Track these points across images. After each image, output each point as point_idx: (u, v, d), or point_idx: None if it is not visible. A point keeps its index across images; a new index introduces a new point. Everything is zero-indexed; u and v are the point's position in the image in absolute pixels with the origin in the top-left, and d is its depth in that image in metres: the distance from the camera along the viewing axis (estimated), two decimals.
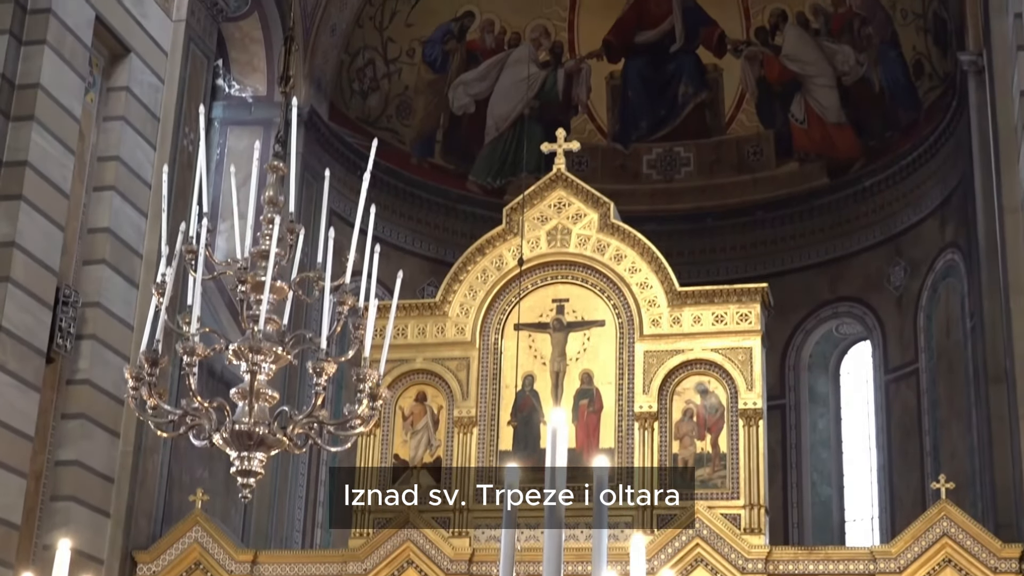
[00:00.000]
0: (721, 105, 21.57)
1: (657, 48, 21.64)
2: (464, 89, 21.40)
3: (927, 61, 19.29)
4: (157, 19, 15.26)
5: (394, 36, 20.80)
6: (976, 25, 16.20)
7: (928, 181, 19.07)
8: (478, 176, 21.36)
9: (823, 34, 20.64)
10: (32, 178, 13.00)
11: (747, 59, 21.26)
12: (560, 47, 21.67)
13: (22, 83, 13.17)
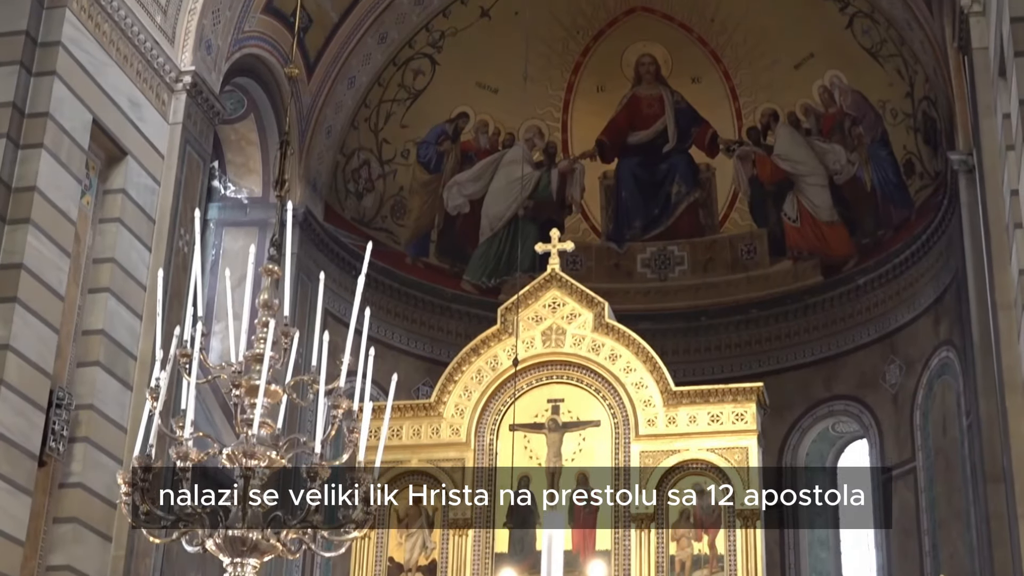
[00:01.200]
0: (714, 204, 21.71)
1: (650, 148, 21.83)
2: (459, 189, 21.54)
3: (918, 160, 19.46)
4: (154, 122, 15.38)
5: (389, 137, 20.98)
6: (965, 125, 16.35)
7: (921, 279, 19.14)
8: (473, 276, 21.42)
9: (814, 134, 20.84)
10: (27, 281, 13.01)
11: (739, 158, 21.44)
12: (554, 147, 21.86)
13: (19, 186, 13.22)
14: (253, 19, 17.47)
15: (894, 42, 19.45)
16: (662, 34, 21.42)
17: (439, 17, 20.75)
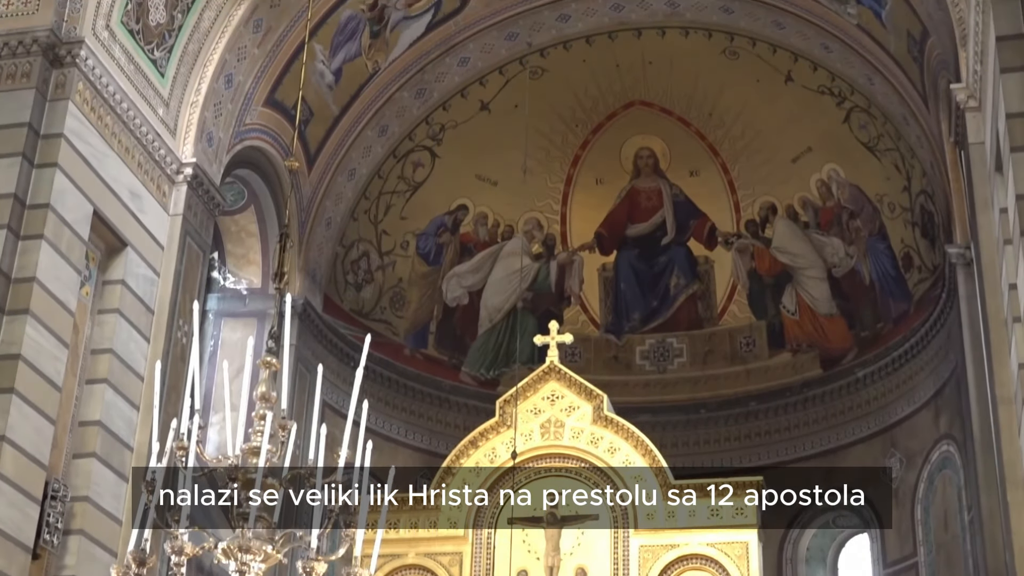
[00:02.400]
0: (713, 296, 21.74)
1: (649, 240, 21.91)
2: (458, 281, 21.57)
3: (916, 254, 19.52)
4: (154, 213, 15.44)
5: (388, 229, 21.06)
6: (963, 219, 16.42)
7: (921, 372, 19.11)
8: (471, 368, 21.38)
9: (812, 227, 20.93)
10: (25, 371, 12.98)
11: (738, 251, 21.51)
12: (553, 239, 21.94)
13: (18, 277, 13.23)
14: (254, 112, 17.62)
15: (891, 136, 19.60)
16: (660, 128, 21.60)
17: (439, 110, 20.93)
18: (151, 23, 15.35)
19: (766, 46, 20.28)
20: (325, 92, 18.97)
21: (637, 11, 20.36)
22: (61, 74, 14.04)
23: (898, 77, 18.31)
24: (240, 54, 16.79)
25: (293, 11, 17.21)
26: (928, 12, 16.09)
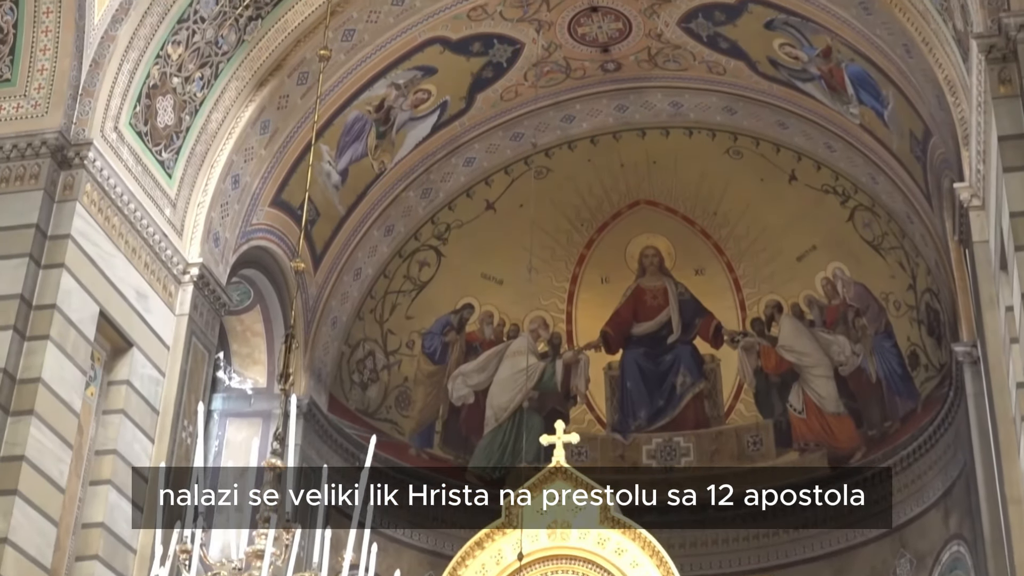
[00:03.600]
0: (719, 395, 21.68)
1: (654, 339, 21.90)
2: (463, 380, 21.53)
3: (922, 352, 19.49)
4: (160, 313, 15.47)
5: (394, 328, 21.07)
6: (968, 317, 16.42)
7: (929, 471, 18.97)
8: (477, 467, 21.27)
9: (818, 325, 20.92)
10: (28, 473, 12.92)
11: (744, 350, 21.49)
12: (559, 338, 21.92)
13: (23, 377, 13.23)
14: (261, 212, 17.73)
15: (895, 235, 19.67)
16: (665, 227, 21.69)
17: (445, 210, 21.06)
18: (159, 125, 15.51)
19: (770, 145, 20.45)
20: (331, 192, 19.10)
21: (641, 111, 20.56)
22: (69, 175, 14.17)
23: (901, 176, 18.43)
24: (247, 155, 16.94)
25: (300, 112, 17.40)
26: (930, 112, 16.22)
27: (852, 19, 16.62)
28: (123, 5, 14.66)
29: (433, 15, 17.93)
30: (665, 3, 18.37)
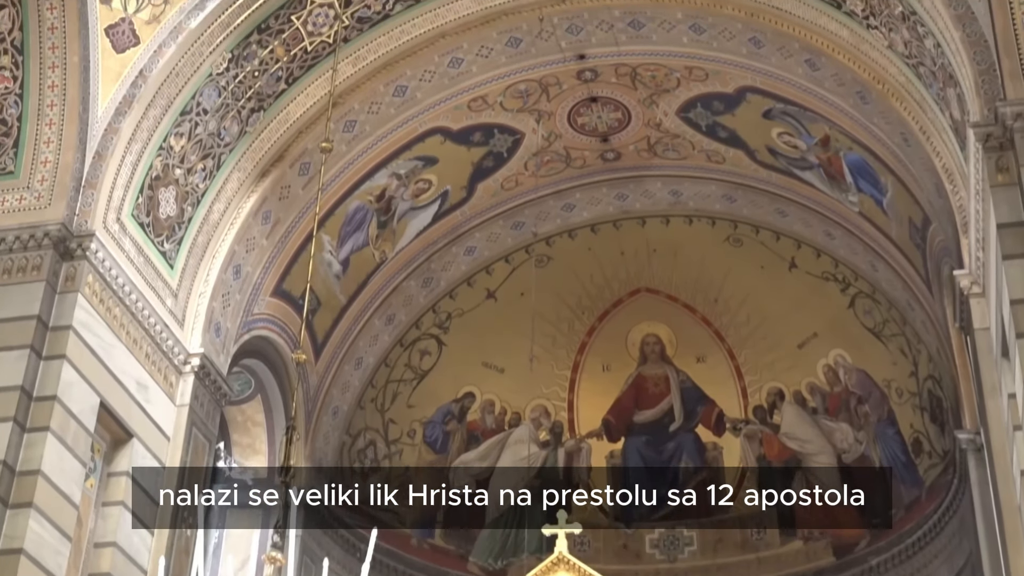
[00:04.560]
0: (722, 483, 21.51)
1: (656, 427, 21.82)
2: (465, 469, 21.42)
3: (926, 439, 19.41)
4: (161, 403, 15.42)
5: (395, 417, 21.01)
6: (971, 404, 16.37)
7: (935, 560, 18.80)
8: (479, 558, 21.08)
9: (820, 412, 20.86)
10: (27, 566, 12.80)
11: (746, 437, 21.40)
12: (560, 427, 21.85)
13: (23, 470, 13.16)
14: (262, 302, 17.75)
15: (896, 322, 19.68)
16: (666, 314, 21.70)
17: (446, 299, 21.10)
18: (161, 216, 15.58)
19: (769, 233, 20.53)
20: (333, 282, 19.14)
21: (641, 200, 20.66)
22: (71, 266, 14.21)
23: (901, 263, 18.47)
24: (249, 245, 17.00)
25: (301, 203, 17.49)
26: (929, 200, 16.30)
27: (849, 108, 16.75)
28: (127, 98, 14.79)
29: (434, 106, 18.08)
30: (664, 93, 18.53)
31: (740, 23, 16.65)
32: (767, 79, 17.39)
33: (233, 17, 15.45)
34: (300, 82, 16.67)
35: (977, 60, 13.24)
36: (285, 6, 15.83)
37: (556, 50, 17.73)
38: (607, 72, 18.22)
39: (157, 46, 15.01)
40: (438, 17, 16.91)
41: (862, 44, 15.57)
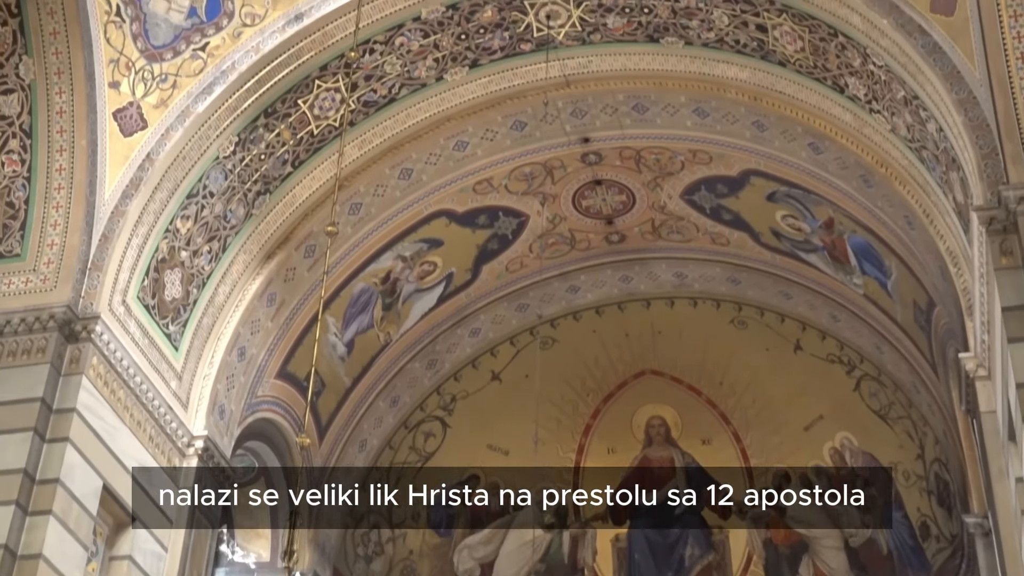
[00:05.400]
0: (728, 567, 21.35)
1: (662, 511, 21.65)
2: (469, 552, 21.27)
3: (933, 523, 19.28)
4: (164, 487, 15.34)
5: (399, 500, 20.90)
6: (979, 488, 16.28)
7: None
8: None
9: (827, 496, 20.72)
10: None
11: (753, 521, 21.24)
12: (565, 510, 21.70)
13: (24, 553, 13.06)
14: (267, 384, 17.72)
15: (902, 404, 19.63)
16: (671, 396, 21.65)
17: (450, 380, 21.08)
18: (167, 298, 15.60)
19: (774, 315, 20.55)
20: (337, 364, 19.12)
21: (646, 282, 20.70)
22: (76, 349, 14.20)
23: (906, 346, 18.45)
24: (253, 327, 17.00)
25: (306, 285, 17.52)
26: (933, 282, 16.31)
27: (853, 191, 16.83)
28: (134, 181, 14.88)
29: (439, 188, 18.18)
30: (668, 176, 18.63)
31: (743, 107, 16.78)
32: (771, 162, 17.49)
33: (240, 101, 15.58)
34: (306, 165, 16.78)
35: (979, 144, 13.31)
36: (292, 90, 15.98)
37: (560, 133, 17.86)
38: (611, 155, 18.32)
39: (164, 130, 15.13)
40: (443, 101, 17.06)
41: (865, 128, 15.67)
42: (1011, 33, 13.21)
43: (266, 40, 15.51)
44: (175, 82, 15.23)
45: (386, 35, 16.08)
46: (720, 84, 16.59)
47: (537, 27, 16.38)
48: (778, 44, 15.64)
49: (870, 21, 14.28)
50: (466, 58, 16.65)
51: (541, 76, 16.87)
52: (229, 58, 15.45)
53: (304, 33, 15.59)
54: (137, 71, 14.89)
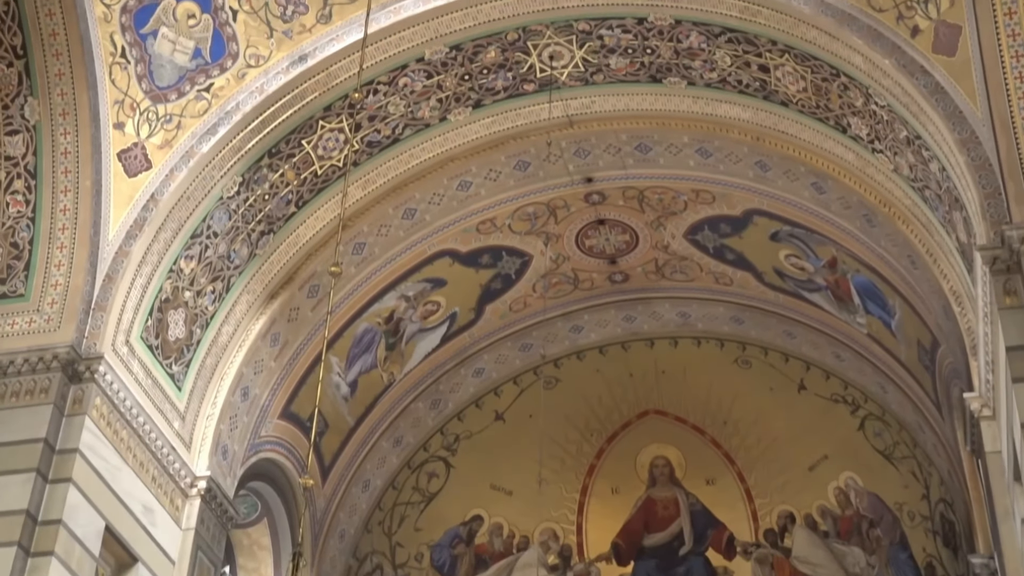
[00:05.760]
0: None
1: (666, 550, 21.58)
2: None
3: (939, 564, 19.20)
4: (166, 527, 15.30)
5: (402, 541, 20.83)
6: (984, 528, 16.21)
7: None
8: None
9: (832, 536, 20.64)
10: None
11: (757, 561, 21.16)
12: (569, 550, 21.62)
13: None
14: (270, 424, 17.70)
15: (907, 444, 19.58)
16: (675, 436, 21.60)
17: (454, 420, 21.05)
18: (170, 338, 15.60)
19: (778, 355, 20.54)
20: (340, 404, 19.10)
21: (649, 322, 20.70)
22: (79, 389, 14.19)
23: (911, 385, 18.42)
24: (257, 367, 16.99)
25: (310, 325, 17.53)
26: (937, 322, 16.30)
27: (856, 231, 16.84)
28: (138, 221, 14.91)
29: (442, 228, 18.21)
30: (671, 216, 18.65)
31: (746, 147, 16.83)
32: (774, 202, 17.52)
33: (244, 142, 15.64)
34: (310, 205, 16.82)
35: (982, 184, 13.33)
36: (296, 131, 16.04)
37: (564, 173, 17.90)
38: (614, 195, 18.36)
39: (169, 170, 15.18)
40: (447, 141, 17.12)
41: (868, 168, 15.70)
42: (1013, 74, 13.27)
43: (270, 81, 15.59)
44: (179, 123, 15.29)
45: (390, 76, 16.16)
46: (723, 124, 16.64)
47: (540, 68, 16.45)
48: (780, 84, 15.70)
49: (872, 62, 14.33)
50: (469, 98, 16.72)
51: (544, 116, 16.93)
52: (233, 99, 15.52)
53: (308, 74, 15.66)
54: (142, 112, 14.96)
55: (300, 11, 15.63)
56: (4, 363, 14.03)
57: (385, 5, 15.60)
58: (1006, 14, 13.30)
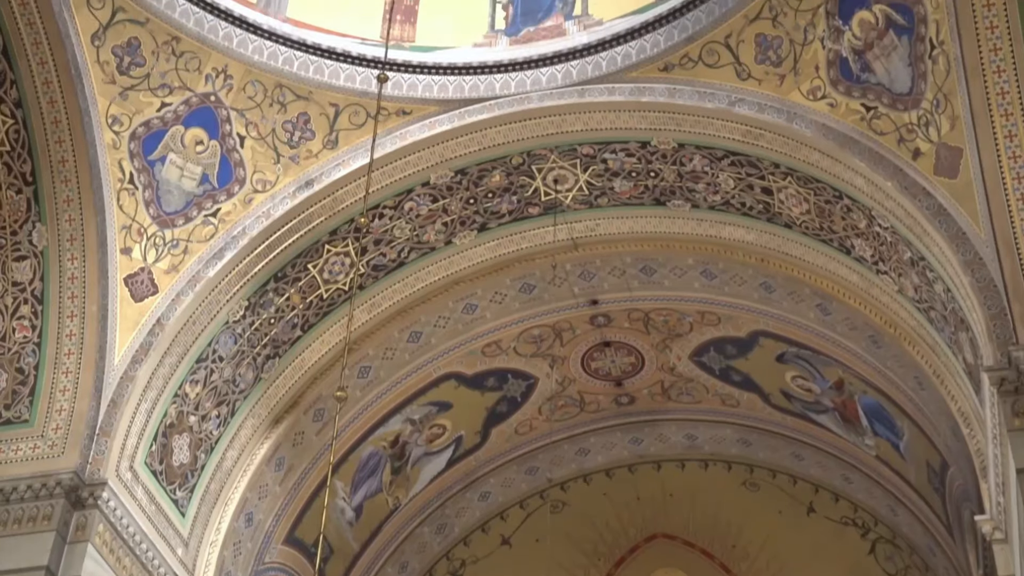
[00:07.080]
0: None
1: None
2: None
3: None
4: None
5: None
6: None
7: None
8: None
9: None
10: None
11: None
12: None
13: None
14: (274, 550, 17.53)
15: (919, 568, 19.33)
16: (684, 560, 21.33)
17: (460, 545, 20.83)
18: (175, 463, 15.52)
19: (786, 477, 20.39)
20: (345, 529, 18.93)
21: (656, 444, 20.59)
22: (82, 516, 14.08)
23: (921, 508, 18.25)
24: (261, 492, 16.88)
25: (315, 449, 17.45)
26: (946, 443, 16.20)
27: (862, 352, 16.82)
28: (143, 346, 14.92)
29: (448, 351, 18.21)
30: (677, 338, 18.65)
31: (751, 268, 16.88)
32: (779, 323, 17.52)
33: (250, 266, 15.71)
34: (315, 329, 16.85)
35: (988, 305, 13.32)
36: (302, 255, 16.12)
37: (569, 296, 17.94)
38: (620, 317, 18.38)
39: (175, 295, 15.23)
40: (452, 264, 17.20)
41: (872, 289, 15.73)
42: (1015, 195, 13.33)
43: (276, 206, 15.71)
44: (186, 247, 15.38)
45: (395, 200, 16.29)
46: (727, 246, 16.72)
47: (545, 191, 16.58)
48: (784, 206, 15.80)
49: (874, 184, 14.43)
50: (474, 222, 16.82)
51: (549, 239, 17.03)
52: (240, 224, 15.63)
53: (314, 199, 15.79)
54: (149, 237, 15.05)
55: (307, 137, 15.81)
56: (7, 490, 13.94)
57: (391, 130, 15.78)
58: (1006, 136, 13.40)
